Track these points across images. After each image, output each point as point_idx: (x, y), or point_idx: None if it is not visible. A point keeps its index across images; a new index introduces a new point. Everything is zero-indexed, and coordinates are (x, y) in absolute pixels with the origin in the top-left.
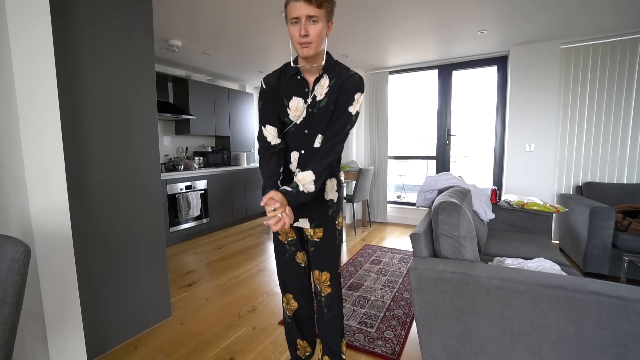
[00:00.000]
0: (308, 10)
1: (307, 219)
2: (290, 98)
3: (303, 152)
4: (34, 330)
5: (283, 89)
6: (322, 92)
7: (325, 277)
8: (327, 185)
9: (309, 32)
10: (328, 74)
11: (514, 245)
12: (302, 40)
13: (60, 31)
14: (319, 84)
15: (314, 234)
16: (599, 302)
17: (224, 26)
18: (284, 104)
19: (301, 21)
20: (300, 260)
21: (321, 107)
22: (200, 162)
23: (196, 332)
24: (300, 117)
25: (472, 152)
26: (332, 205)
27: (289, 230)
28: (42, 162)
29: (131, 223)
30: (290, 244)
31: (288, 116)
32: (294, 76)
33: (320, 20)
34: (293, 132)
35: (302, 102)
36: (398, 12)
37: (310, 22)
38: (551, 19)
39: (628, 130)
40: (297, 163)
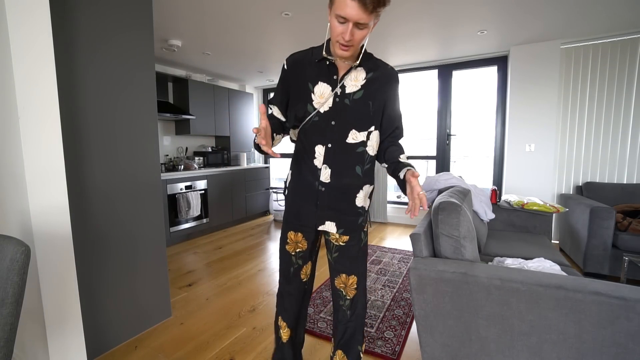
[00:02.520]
0: (360, 17)
1: (334, 223)
2: (316, 83)
3: (330, 146)
4: (34, 330)
5: (309, 72)
6: (357, 84)
7: (353, 281)
8: (362, 190)
9: (354, 37)
10: (363, 66)
11: (514, 245)
12: (344, 42)
13: (60, 31)
14: (349, 75)
15: (339, 237)
16: (599, 302)
17: (224, 26)
18: (308, 88)
19: (348, 24)
20: (303, 275)
21: (356, 98)
22: (200, 162)
23: (196, 332)
24: (325, 105)
25: (472, 152)
26: (362, 213)
27: (301, 239)
28: (42, 162)
29: (131, 223)
30: (298, 256)
31: (312, 102)
32: (323, 60)
33: (368, 27)
34: (316, 123)
35: (329, 89)
36: (398, 12)
37: (357, 27)
38: (551, 19)
39: (628, 130)
40: (323, 158)
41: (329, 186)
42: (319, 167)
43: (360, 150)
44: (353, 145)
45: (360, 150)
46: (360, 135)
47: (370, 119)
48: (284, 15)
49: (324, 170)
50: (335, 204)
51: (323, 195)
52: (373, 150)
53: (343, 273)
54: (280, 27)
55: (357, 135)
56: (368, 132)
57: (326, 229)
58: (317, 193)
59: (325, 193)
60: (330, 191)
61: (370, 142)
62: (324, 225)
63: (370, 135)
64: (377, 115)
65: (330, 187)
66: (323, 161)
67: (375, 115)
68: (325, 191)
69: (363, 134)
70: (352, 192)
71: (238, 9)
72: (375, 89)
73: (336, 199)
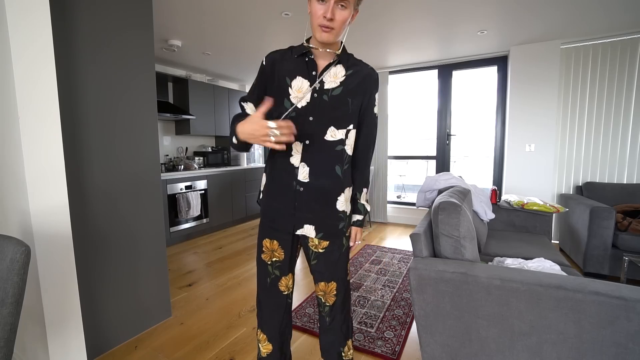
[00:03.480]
0: None
1: (313, 227)
2: (294, 77)
3: (308, 143)
4: (34, 330)
5: (287, 67)
6: (336, 80)
7: (332, 287)
8: (343, 194)
9: (335, 16)
10: (343, 64)
11: (514, 245)
12: (326, 23)
13: (60, 31)
14: (329, 71)
15: (318, 243)
16: (599, 302)
17: (224, 26)
18: (286, 83)
19: (329, 2)
20: (283, 287)
21: (335, 95)
22: (200, 162)
23: (196, 332)
24: (303, 100)
25: (472, 152)
26: (344, 218)
27: (277, 247)
28: (42, 162)
29: (131, 223)
30: (275, 266)
31: (289, 97)
32: (302, 56)
33: (349, 6)
34: (293, 118)
35: (307, 84)
36: (398, 12)
37: (338, 6)
38: (551, 19)
39: (628, 130)
40: (300, 155)
41: (307, 186)
42: (296, 165)
43: (339, 149)
44: (332, 143)
45: (339, 148)
46: (338, 133)
47: (349, 116)
48: (284, 15)
49: (302, 168)
50: (315, 205)
51: (301, 196)
52: (351, 150)
53: (322, 281)
54: (280, 27)
55: (335, 133)
56: (347, 130)
57: (305, 233)
58: (294, 193)
59: (303, 193)
60: (309, 191)
61: (348, 142)
62: (303, 228)
63: (349, 134)
64: (355, 114)
65: (309, 187)
66: (301, 159)
67: (353, 114)
68: (304, 191)
69: (342, 131)
70: (332, 195)
71: (238, 9)
72: (354, 86)
73: (316, 200)
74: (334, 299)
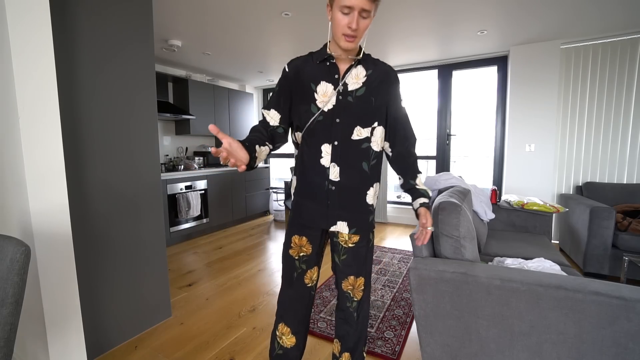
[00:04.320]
0: (365, 4)
1: (346, 223)
2: (319, 82)
3: (337, 144)
4: (34, 330)
5: (311, 73)
6: (359, 81)
7: (360, 282)
8: (372, 187)
9: (360, 26)
10: (363, 64)
11: (514, 245)
12: (350, 32)
13: (60, 31)
14: (350, 73)
15: (348, 239)
16: (599, 302)
17: (224, 26)
18: (311, 89)
19: (354, 13)
20: (308, 280)
21: (359, 95)
22: (200, 162)
23: (196, 332)
24: (329, 103)
25: (472, 152)
26: (372, 211)
27: (305, 243)
28: (42, 162)
29: (131, 223)
30: (302, 260)
31: (315, 102)
32: (324, 61)
33: (371, 15)
34: (321, 122)
35: (331, 87)
36: (398, 12)
37: (362, 16)
38: (551, 19)
39: (628, 130)
40: (330, 157)
41: (339, 185)
42: (327, 165)
43: (365, 146)
44: (358, 142)
45: (365, 146)
46: (364, 132)
47: (374, 114)
48: (284, 15)
49: (333, 168)
50: (347, 202)
51: (333, 195)
52: (377, 146)
53: (351, 275)
54: (280, 27)
55: (361, 132)
56: (372, 128)
57: (338, 229)
58: (327, 193)
59: (335, 192)
60: (340, 190)
61: (374, 138)
62: (336, 225)
63: (374, 131)
64: (379, 111)
65: (340, 185)
66: (331, 159)
67: (378, 111)
68: (336, 190)
69: (367, 129)
70: (362, 190)
71: (238, 9)
72: (376, 84)
73: (347, 197)
74: (362, 294)
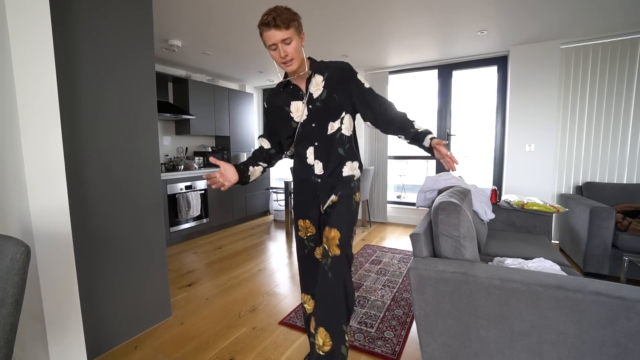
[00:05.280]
0: (281, 36)
1: (333, 196)
2: (289, 103)
3: (317, 144)
4: (34, 330)
5: (282, 100)
6: (319, 87)
7: (335, 235)
8: (345, 165)
9: (288, 52)
10: (317, 73)
11: (514, 245)
12: (284, 60)
13: (60, 31)
14: (311, 84)
15: (332, 200)
16: (599, 302)
17: (224, 26)
18: (286, 111)
19: (278, 46)
20: (319, 255)
21: (323, 98)
22: (200, 162)
23: (196, 332)
24: (303, 116)
25: (472, 152)
26: (351, 179)
27: (309, 225)
28: (42, 162)
29: (131, 223)
30: (310, 239)
31: (292, 119)
32: (287, 86)
33: (293, 39)
34: (302, 131)
35: (300, 103)
36: (398, 13)
37: (284, 44)
38: (550, 19)
39: (628, 130)
40: (314, 155)
41: (323, 177)
42: (312, 163)
43: (339, 135)
44: (333, 134)
45: (338, 135)
46: (336, 124)
47: (340, 107)
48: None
49: (317, 164)
50: (330, 186)
51: (320, 185)
52: (347, 131)
53: (327, 226)
54: None
55: (333, 125)
56: (341, 119)
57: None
58: (315, 185)
59: (321, 183)
60: (324, 180)
61: (344, 126)
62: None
63: (343, 120)
64: (345, 103)
65: (324, 177)
66: (314, 157)
67: (342, 103)
68: (321, 181)
69: (337, 121)
70: (339, 168)
71: (238, 9)
72: (334, 83)
73: (329, 182)
74: (337, 251)
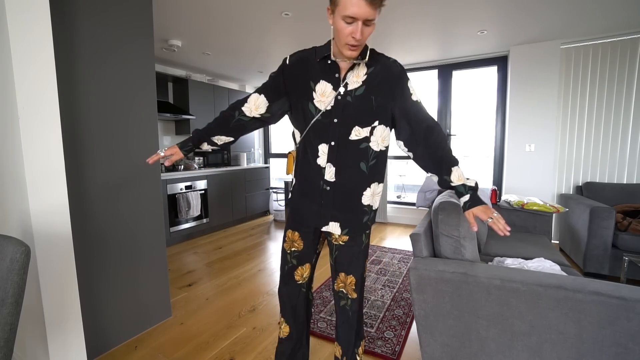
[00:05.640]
0: (369, 13)
1: (338, 224)
2: (318, 81)
3: (333, 144)
4: (34, 330)
5: (311, 71)
6: (359, 80)
7: (351, 281)
8: (369, 188)
9: (365, 35)
10: (364, 62)
11: (514, 245)
12: (354, 42)
13: (60, 31)
14: (352, 72)
15: (338, 237)
16: (599, 302)
17: (224, 26)
18: (310, 87)
19: (358, 23)
20: (298, 277)
21: (357, 95)
22: (200, 162)
23: (196, 332)
24: (328, 104)
25: (472, 152)
26: (369, 212)
27: (297, 238)
28: (42, 162)
29: (131, 223)
30: (292, 255)
31: (313, 101)
32: (325, 59)
33: (374, 22)
34: (319, 121)
35: (330, 87)
36: (399, 13)
37: (365, 24)
38: (550, 20)
39: (628, 130)
40: (326, 157)
41: (333, 185)
42: (323, 165)
43: (364, 146)
44: (356, 142)
45: (364, 146)
46: (363, 132)
47: (374, 113)
48: (284, 15)
49: (328, 168)
50: (340, 203)
51: (327, 195)
52: (377, 146)
53: (342, 272)
54: (281, 28)
55: (360, 132)
56: (371, 128)
57: (329, 230)
58: (321, 192)
59: (329, 192)
60: (335, 190)
61: (374, 138)
62: (328, 226)
63: (374, 131)
64: (381, 110)
65: (335, 185)
66: (327, 159)
67: (379, 110)
68: (330, 190)
69: (366, 129)
70: (358, 190)
71: (238, 9)
72: (377, 82)
73: (341, 197)
74: (355, 295)
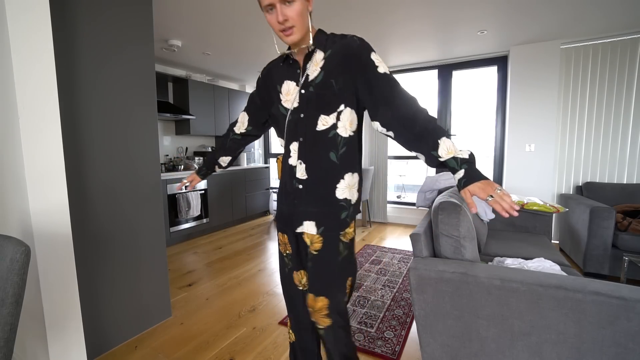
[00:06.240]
0: None
1: (313, 222)
2: (282, 82)
3: (302, 140)
4: (34, 330)
5: (277, 75)
6: (317, 68)
7: (321, 305)
8: (343, 180)
9: (287, 15)
10: (320, 48)
11: (514, 245)
12: (282, 27)
13: (60, 31)
14: (311, 62)
15: (311, 244)
16: (599, 302)
17: (225, 26)
18: (277, 91)
19: (276, 7)
20: (297, 281)
21: (317, 83)
22: (200, 162)
23: (196, 332)
24: (294, 101)
25: (472, 152)
26: (347, 207)
27: (287, 241)
28: (42, 162)
29: (131, 223)
30: (288, 257)
31: (281, 102)
32: (286, 60)
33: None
34: (290, 121)
35: (293, 85)
36: (399, 13)
37: (285, 4)
38: (550, 20)
39: (628, 130)
40: (297, 154)
41: (305, 182)
42: (294, 164)
43: (332, 135)
44: (324, 132)
45: (332, 134)
46: (330, 119)
47: (337, 98)
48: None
49: (299, 166)
50: (313, 199)
51: (300, 193)
52: (346, 131)
53: (311, 292)
54: None
55: (327, 120)
56: (338, 113)
57: (305, 230)
58: (294, 192)
59: (302, 190)
60: (307, 187)
61: (341, 123)
62: (302, 226)
63: (341, 116)
64: (345, 92)
65: (307, 183)
66: (297, 157)
67: (342, 92)
68: (303, 188)
69: (332, 116)
70: (331, 183)
71: (238, 9)
72: (335, 63)
73: (314, 193)
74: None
